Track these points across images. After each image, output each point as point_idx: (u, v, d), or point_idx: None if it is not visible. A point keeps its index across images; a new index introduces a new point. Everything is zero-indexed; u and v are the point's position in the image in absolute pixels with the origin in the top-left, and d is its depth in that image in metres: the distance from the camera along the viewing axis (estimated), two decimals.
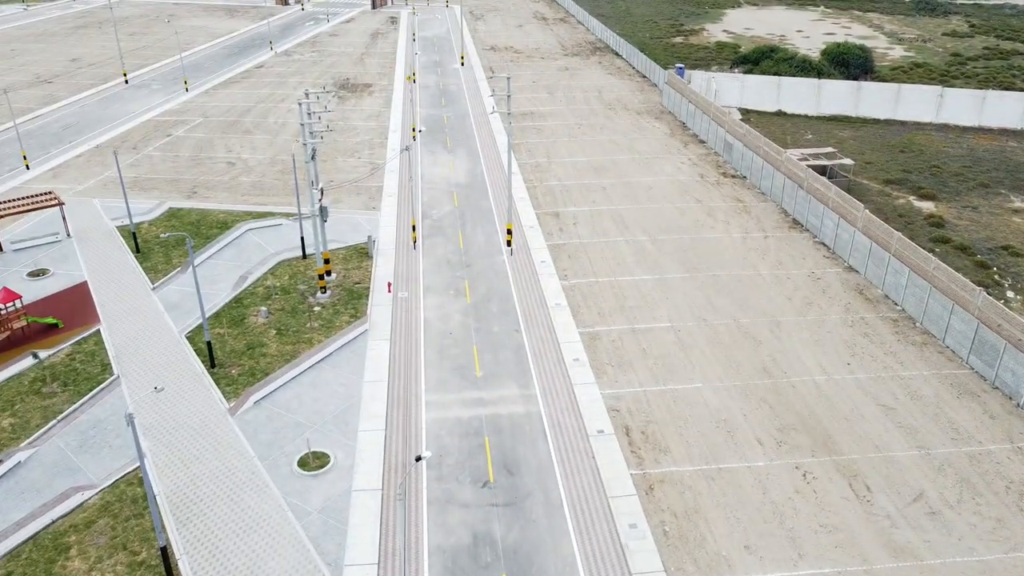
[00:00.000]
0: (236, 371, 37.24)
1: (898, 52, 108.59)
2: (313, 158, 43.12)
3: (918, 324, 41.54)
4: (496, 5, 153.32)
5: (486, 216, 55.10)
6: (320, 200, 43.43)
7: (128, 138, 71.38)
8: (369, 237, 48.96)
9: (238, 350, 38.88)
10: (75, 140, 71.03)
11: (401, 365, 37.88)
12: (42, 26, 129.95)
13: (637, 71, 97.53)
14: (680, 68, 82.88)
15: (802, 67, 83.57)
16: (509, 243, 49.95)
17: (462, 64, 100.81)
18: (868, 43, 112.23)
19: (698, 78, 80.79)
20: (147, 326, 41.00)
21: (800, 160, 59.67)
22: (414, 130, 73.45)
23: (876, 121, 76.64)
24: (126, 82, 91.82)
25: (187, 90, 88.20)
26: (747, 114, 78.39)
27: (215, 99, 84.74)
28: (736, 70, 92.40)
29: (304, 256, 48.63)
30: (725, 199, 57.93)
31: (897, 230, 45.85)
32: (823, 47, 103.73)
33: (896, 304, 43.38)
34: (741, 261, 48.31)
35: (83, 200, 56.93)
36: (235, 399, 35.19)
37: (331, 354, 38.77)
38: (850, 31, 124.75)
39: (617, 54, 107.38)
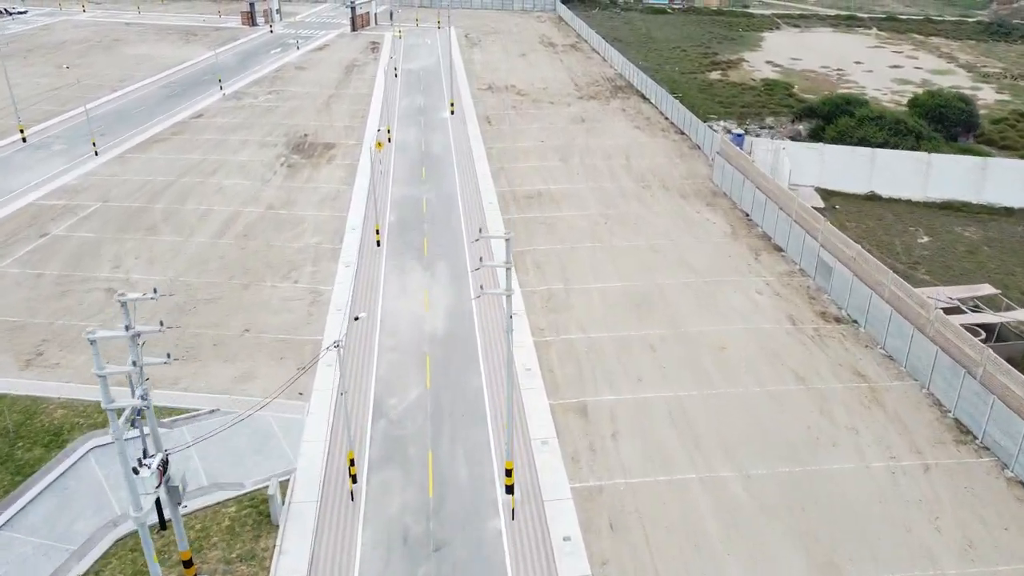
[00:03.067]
0: None
1: (989, 94, 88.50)
2: (134, 424, 23.04)
3: None
4: (496, 26, 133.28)
5: (475, 413, 35.25)
6: (166, 479, 23.56)
7: None
8: (269, 490, 29.08)
9: None
10: None
11: None
12: None
13: (671, 123, 77.51)
14: (739, 136, 62.98)
15: (896, 130, 63.57)
16: (510, 489, 30.18)
17: (452, 112, 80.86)
18: (945, 79, 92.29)
19: (762, 148, 60.85)
20: None
21: (947, 306, 39.73)
22: (356, 319, 53.70)
23: (1008, 211, 56.70)
24: (23, 140, 72.08)
25: (96, 153, 68.43)
26: (829, 197, 58.47)
27: (128, 169, 64.93)
28: (801, 127, 72.40)
29: (163, 526, 28.73)
30: (838, 375, 38.01)
31: None
32: (909, 94, 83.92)
33: None
34: (901, 538, 28.45)
35: None
36: None
37: None
38: (918, 62, 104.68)
39: (643, 96, 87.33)
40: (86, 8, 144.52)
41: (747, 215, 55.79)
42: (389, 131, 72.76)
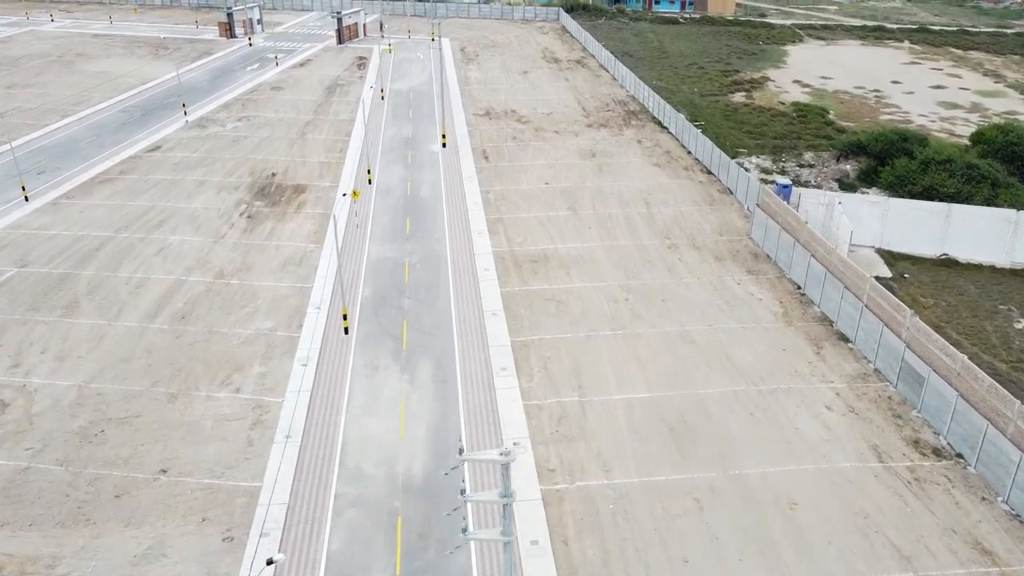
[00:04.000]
0: None
1: None
2: None
3: None
4: (494, 38, 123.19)
5: None
6: None
7: None
8: None
9: None
10: None
11: None
12: None
13: (695, 160, 67.50)
14: (785, 188, 53.01)
15: (968, 175, 53.63)
16: None
17: (443, 145, 70.85)
18: (997, 103, 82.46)
19: (813, 201, 50.85)
20: None
21: None
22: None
23: None
24: None
25: (26, 199, 58.53)
26: (894, 261, 48.53)
27: (60, 219, 55.01)
28: (848, 166, 62.47)
29: None
30: (955, 551, 27.92)
31: None
32: (960, 121, 74.26)
33: None
34: None
35: None
36: None
37: None
38: (961, 81, 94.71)
39: (660, 124, 77.29)
40: (54, 17, 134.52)
41: (798, 287, 45.83)
42: (369, 172, 62.73)
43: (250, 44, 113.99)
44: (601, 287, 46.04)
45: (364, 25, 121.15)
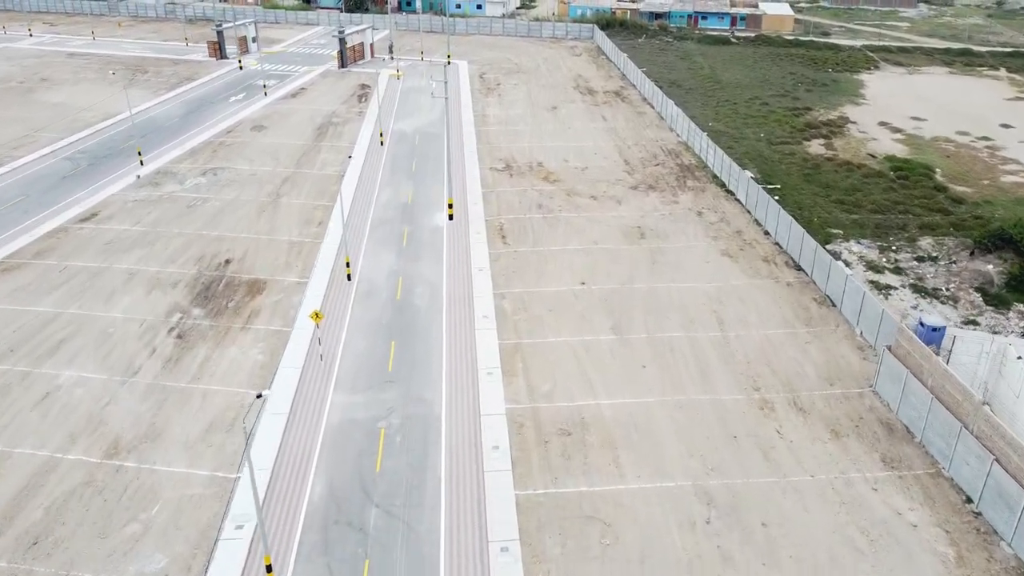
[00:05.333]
0: None
1: None
2: None
3: None
4: (520, 61, 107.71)
5: None
6: None
7: None
8: None
9: None
10: None
11: None
12: None
13: (773, 242, 51.87)
14: (937, 331, 37.22)
15: None
16: None
17: (450, 217, 55.83)
18: None
19: (970, 351, 35.05)
20: None
21: None
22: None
23: None
24: None
25: None
26: None
27: None
28: (990, 267, 46.53)
29: None
30: None
31: None
32: None
33: None
34: None
35: None
36: None
37: None
38: None
39: (723, 185, 61.68)
40: (33, 32, 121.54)
41: (968, 501, 30.15)
42: (348, 265, 47.85)
43: (240, 67, 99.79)
44: (667, 492, 30.68)
45: (371, 45, 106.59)
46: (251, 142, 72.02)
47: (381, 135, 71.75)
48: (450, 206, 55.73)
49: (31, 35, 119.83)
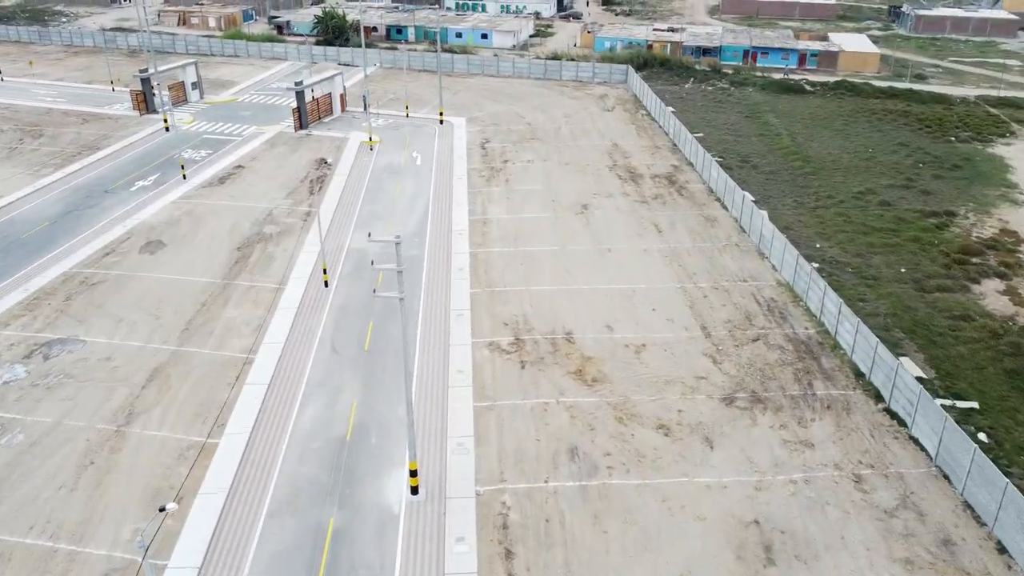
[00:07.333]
0: None
1: None
2: None
3: None
4: (534, 119, 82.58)
5: None
6: None
7: None
8: None
9: None
10: None
11: None
12: None
13: (996, 545, 27.16)
14: None
15: None
16: None
17: (414, 489, 31.10)
18: None
19: None
20: None
21: None
22: None
23: None
24: None
25: None
26: None
27: None
28: None
29: None
30: None
31: None
32: None
33: None
34: None
35: None
36: None
37: None
38: None
39: (878, 395, 36.97)
40: None
41: None
42: None
43: (167, 128, 75.51)
44: None
45: (342, 95, 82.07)
46: (131, 277, 47.69)
47: (325, 272, 47.25)
48: (412, 467, 31.01)
49: None
